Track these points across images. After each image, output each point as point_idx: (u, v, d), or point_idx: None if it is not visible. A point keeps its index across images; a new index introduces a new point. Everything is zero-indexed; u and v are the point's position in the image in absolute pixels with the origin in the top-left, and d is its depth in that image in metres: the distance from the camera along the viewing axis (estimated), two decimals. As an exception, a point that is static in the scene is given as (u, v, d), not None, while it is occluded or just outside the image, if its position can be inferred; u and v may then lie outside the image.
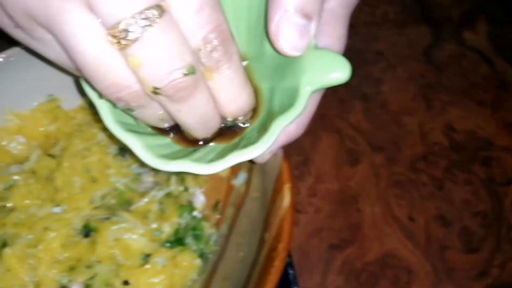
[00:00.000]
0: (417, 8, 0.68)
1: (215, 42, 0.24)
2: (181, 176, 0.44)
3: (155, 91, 0.24)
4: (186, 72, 0.24)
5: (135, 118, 0.29)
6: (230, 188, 0.44)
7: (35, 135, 0.44)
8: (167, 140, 0.30)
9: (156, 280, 0.37)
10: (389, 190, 0.52)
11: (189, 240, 0.42)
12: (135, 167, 0.43)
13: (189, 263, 0.40)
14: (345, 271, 0.46)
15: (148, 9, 0.22)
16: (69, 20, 0.22)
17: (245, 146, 0.27)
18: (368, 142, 0.55)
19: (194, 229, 0.42)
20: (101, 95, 0.26)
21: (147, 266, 0.38)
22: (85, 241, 0.39)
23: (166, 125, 0.29)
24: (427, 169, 0.54)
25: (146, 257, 0.39)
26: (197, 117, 0.27)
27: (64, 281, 0.37)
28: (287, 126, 0.27)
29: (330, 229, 0.49)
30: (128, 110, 0.26)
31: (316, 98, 0.30)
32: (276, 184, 0.38)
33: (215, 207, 0.44)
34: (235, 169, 0.44)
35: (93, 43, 0.22)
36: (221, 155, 0.28)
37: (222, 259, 0.41)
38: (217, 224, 0.43)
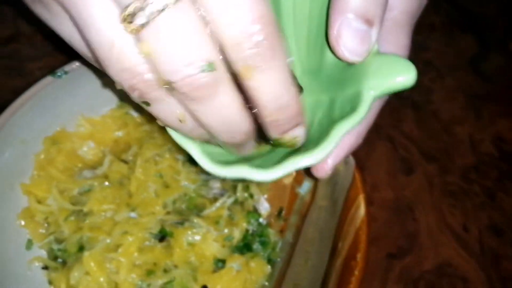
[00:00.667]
0: (462, 18, 0.69)
1: (259, 36, 0.21)
2: (246, 183, 0.45)
3: (169, 85, 0.21)
4: (204, 68, 0.20)
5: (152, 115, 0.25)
6: (294, 196, 0.45)
7: (105, 140, 0.45)
8: None
9: (232, 285, 0.38)
10: (443, 200, 0.52)
11: (256, 246, 0.42)
12: (203, 174, 0.44)
13: (260, 269, 0.41)
14: (403, 280, 0.47)
15: None
16: (65, 20, 0.22)
17: (303, 152, 0.26)
18: (420, 151, 0.55)
19: (261, 236, 0.43)
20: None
21: (223, 271, 0.39)
22: (160, 245, 0.40)
23: (189, 126, 0.25)
24: (479, 179, 0.54)
25: (218, 262, 0.40)
26: (219, 120, 0.23)
27: (143, 285, 0.38)
28: (348, 132, 0.25)
29: (387, 237, 0.49)
30: (144, 104, 0.24)
31: (376, 108, 0.29)
32: (350, 193, 0.39)
33: (278, 214, 0.45)
34: (299, 178, 0.45)
35: (107, 24, 0.21)
36: (280, 161, 0.27)
37: (289, 266, 0.42)
38: (281, 231, 0.44)
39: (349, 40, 0.25)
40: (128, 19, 0.20)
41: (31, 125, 0.41)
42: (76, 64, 0.43)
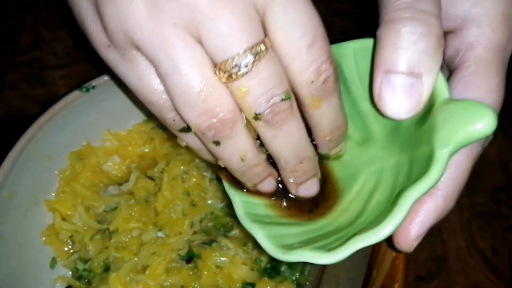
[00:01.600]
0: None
1: (328, 73, 0.25)
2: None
3: (256, 117, 0.25)
4: (283, 97, 0.25)
5: (218, 158, 0.28)
6: (324, 217, 0.44)
7: (131, 155, 0.44)
8: (293, 229, 0.29)
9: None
10: (472, 222, 0.51)
11: (284, 268, 0.41)
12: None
13: None
14: (432, 304, 0.46)
15: (255, 45, 0.23)
16: (177, 46, 0.23)
17: (368, 225, 0.25)
18: (448, 170, 0.54)
19: None
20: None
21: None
22: (187, 267, 0.39)
23: (248, 164, 0.28)
24: (508, 200, 0.53)
25: (247, 286, 0.39)
26: (290, 144, 0.27)
27: (171, 307, 0.37)
28: (419, 198, 0.23)
29: (416, 260, 0.48)
30: (214, 144, 0.26)
31: (465, 161, 0.25)
32: (385, 220, 0.37)
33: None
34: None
35: (198, 71, 0.23)
36: (343, 239, 0.26)
37: (319, 291, 0.41)
38: (310, 253, 0.43)
39: (390, 97, 0.24)
40: (231, 70, 0.23)
41: (56, 140, 0.40)
42: (104, 78, 0.42)
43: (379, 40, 0.25)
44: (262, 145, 0.28)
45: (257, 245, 0.40)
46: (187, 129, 0.26)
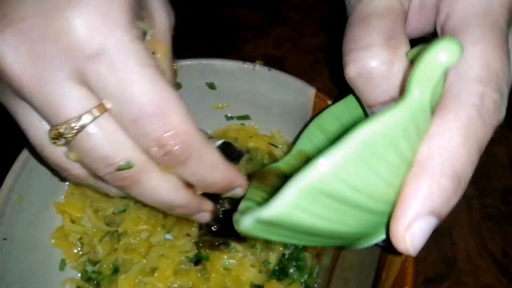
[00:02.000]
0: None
1: (170, 146, 0.23)
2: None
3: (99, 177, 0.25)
4: (121, 167, 0.24)
5: None
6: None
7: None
8: None
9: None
10: (482, 223, 0.50)
11: (292, 270, 0.41)
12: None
13: None
14: (442, 306, 0.45)
15: (82, 114, 0.22)
16: (19, 113, 0.24)
17: None
18: (457, 172, 0.53)
19: (297, 260, 0.42)
20: None
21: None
22: (195, 269, 0.39)
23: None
24: (519, 202, 0.52)
25: (255, 288, 0.39)
26: (152, 199, 0.26)
27: (179, 310, 0.37)
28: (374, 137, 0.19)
29: (425, 261, 0.48)
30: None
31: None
32: (393, 222, 0.37)
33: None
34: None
35: (38, 134, 0.25)
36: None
37: (328, 292, 0.40)
38: (318, 256, 0.43)
39: (416, 239, 0.22)
40: (56, 135, 0.23)
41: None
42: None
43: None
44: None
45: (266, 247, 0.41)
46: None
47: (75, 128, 0.22)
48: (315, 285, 0.41)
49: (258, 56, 0.58)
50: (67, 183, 0.41)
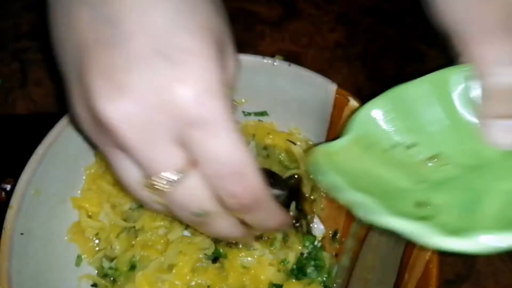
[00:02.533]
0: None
1: (245, 200, 0.26)
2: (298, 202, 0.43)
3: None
4: (200, 214, 0.27)
5: None
6: (351, 218, 0.43)
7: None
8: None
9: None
10: (502, 224, 0.49)
11: (310, 270, 0.40)
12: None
13: None
14: (461, 308, 0.45)
15: (176, 170, 0.25)
16: (115, 159, 0.27)
17: None
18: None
19: (315, 259, 0.41)
20: None
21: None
22: (213, 266, 0.38)
23: None
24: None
25: (273, 287, 0.38)
26: (214, 233, 0.30)
27: (198, 308, 0.37)
28: None
29: (444, 263, 0.46)
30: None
31: None
32: (417, 222, 0.36)
33: (333, 237, 0.43)
34: (357, 199, 0.42)
35: (131, 179, 0.27)
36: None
37: (347, 293, 0.40)
38: (336, 255, 0.42)
39: (502, 138, 0.29)
40: (149, 185, 0.26)
41: (83, 137, 0.40)
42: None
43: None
44: None
45: (284, 245, 0.40)
46: None
47: (168, 181, 0.25)
48: (334, 285, 0.41)
49: (275, 51, 0.58)
50: (84, 177, 0.41)
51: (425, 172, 0.31)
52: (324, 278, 0.40)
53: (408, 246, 0.36)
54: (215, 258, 0.39)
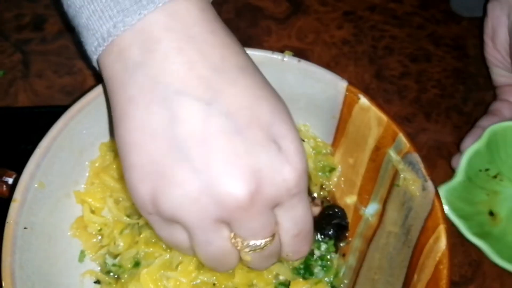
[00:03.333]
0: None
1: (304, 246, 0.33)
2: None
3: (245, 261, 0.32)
4: (271, 257, 0.33)
5: None
6: (358, 217, 0.42)
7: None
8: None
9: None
10: (508, 226, 0.49)
11: (317, 270, 0.40)
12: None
13: None
14: (467, 310, 0.44)
15: (266, 238, 0.30)
16: (212, 231, 0.29)
17: None
18: (484, 172, 0.52)
19: (322, 259, 0.40)
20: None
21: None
22: None
23: None
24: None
25: (280, 285, 0.38)
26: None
27: (205, 307, 0.36)
28: None
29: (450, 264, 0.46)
30: None
31: None
32: (427, 222, 0.36)
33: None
34: (364, 198, 0.42)
35: (220, 248, 0.30)
36: None
37: (354, 293, 0.39)
38: (344, 255, 0.42)
39: None
40: (240, 243, 0.30)
41: (89, 130, 0.39)
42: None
43: None
44: None
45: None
46: None
47: (261, 246, 0.30)
48: (341, 285, 0.40)
49: (281, 47, 0.57)
50: (88, 170, 0.40)
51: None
52: (331, 279, 0.40)
53: (417, 247, 0.36)
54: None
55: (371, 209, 0.41)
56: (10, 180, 0.46)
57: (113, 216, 0.39)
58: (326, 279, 0.39)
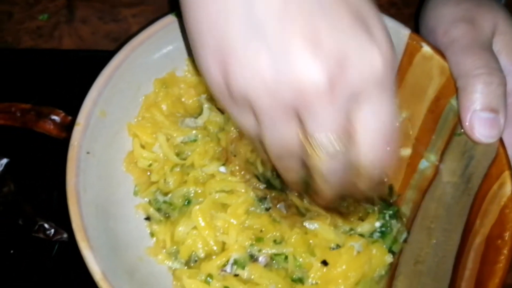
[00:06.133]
0: None
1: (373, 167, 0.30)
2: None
3: (314, 168, 0.30)
4: (342, 166, 0.30)
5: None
6: (412, 169, 0.42)
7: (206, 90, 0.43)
8: None
9: (352, 265, 0.36)
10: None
11: (375, 236, 0.40)
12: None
13: (381, 257, 0.38)
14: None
15: (340, 137, 0.28)
16: (282, 120, 0.28)
17: None
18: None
19: (381, 226, 0.40)
20: None
21: (342, 249, 0.37)
22: (266, 214, 0.38)
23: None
24: None
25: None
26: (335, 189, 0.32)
27: (253, 250, 0.36)
28: None
29: None
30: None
31: None
32: (490, 170, 0.36)
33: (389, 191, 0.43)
34: (420, 150, 0.42)
35: (287, 139, 0.29)
36: None
37: (407, 242, 0.40)
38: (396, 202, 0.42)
39: (479, 127, 0.35)
40: (310, 140, 0.28)
41: (147, 65, 0.40)
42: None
43: (463, 89, 0.36)
44: None
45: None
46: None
47: (328, 142, 0.28)
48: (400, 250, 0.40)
49: None
50: (141, 102, 0.40)
51: None
52: (391, 244, 0.39)
53: (479, 194, 0.36)
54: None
55: (427, 161, 0.42)
56: (58, 119, 0.46)
57: (164, 153, 0.39)
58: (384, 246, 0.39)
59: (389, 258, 0.38)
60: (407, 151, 0.43)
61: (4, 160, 0.44)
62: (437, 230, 0.38)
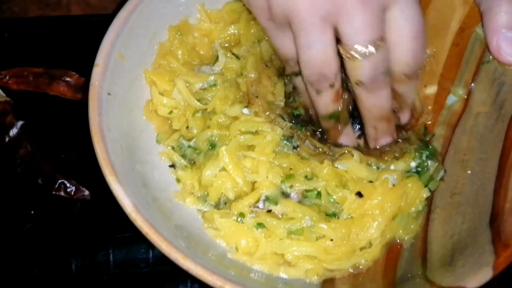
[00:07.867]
0: None
1: (410, 67, 0.35)
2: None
3: (357, 83, 0.34)
4: (383, 72, 0.34)
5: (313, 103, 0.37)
6: (440, 106, 0.42)
7: (219, 37, 0.42)
8: None
9: (388, 198, 0.35)
10: None
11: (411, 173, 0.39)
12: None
13: (417, 191, 0.37)
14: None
15: (376, 39, 0.32)
16: (318, 31, 0.32)
17: None
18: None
19: (417, 166, 0.39)
20: None
21: (377, 182, 0.36)
22: (295, 152, 0.37)
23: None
24: None
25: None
26: (377, 105, 0.36)
27: (285, 187, 0.36)
28: None
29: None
30: (315, 92, 0.36)
31: None
32: (523, 93, 0.35)
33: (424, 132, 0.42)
34: (446, 86, 0.41)
35: (324, 50, 0.33)
36: None
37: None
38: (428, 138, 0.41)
39: (508, 47, 0.35)
40: (347, 49, 0.32)
41: (162, 11, 0.39)
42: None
43: (488, 11, 0.36)
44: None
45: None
46: (298, 73, 0.37)
47: (361, 52, 0.32)
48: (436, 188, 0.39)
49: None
50: (156, 50, 0.40)
51: None
52: (427, 181, 0.38)
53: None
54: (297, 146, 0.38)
55: (455, 96, 0.41)
56: (72, 80, 0.46)
57: (184, 98, 0.39)
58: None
59: (426, 193, 0.37)
60: (433, 89, 0.42)
61: (20, 123, 0.43)
62: (471, 161, 0.38)
